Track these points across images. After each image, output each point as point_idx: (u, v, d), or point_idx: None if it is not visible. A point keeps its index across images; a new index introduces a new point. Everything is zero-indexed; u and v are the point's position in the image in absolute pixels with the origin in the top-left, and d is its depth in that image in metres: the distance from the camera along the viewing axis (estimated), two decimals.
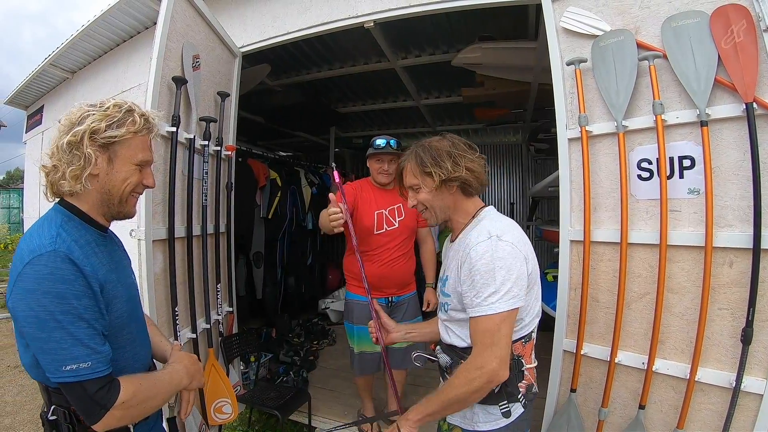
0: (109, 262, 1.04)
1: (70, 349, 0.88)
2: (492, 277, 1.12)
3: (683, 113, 1.65)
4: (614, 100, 1.78)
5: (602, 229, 1.85)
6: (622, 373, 1.76)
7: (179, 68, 2.16)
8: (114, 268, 1.05)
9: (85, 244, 0.98)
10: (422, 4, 2.30)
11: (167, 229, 2.09)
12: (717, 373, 1.57)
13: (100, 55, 4.34)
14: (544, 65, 2.05)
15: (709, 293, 1.55)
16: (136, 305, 1.15)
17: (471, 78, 3.65)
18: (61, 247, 0.91)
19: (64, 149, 0.98)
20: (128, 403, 0.94)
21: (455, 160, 1.25)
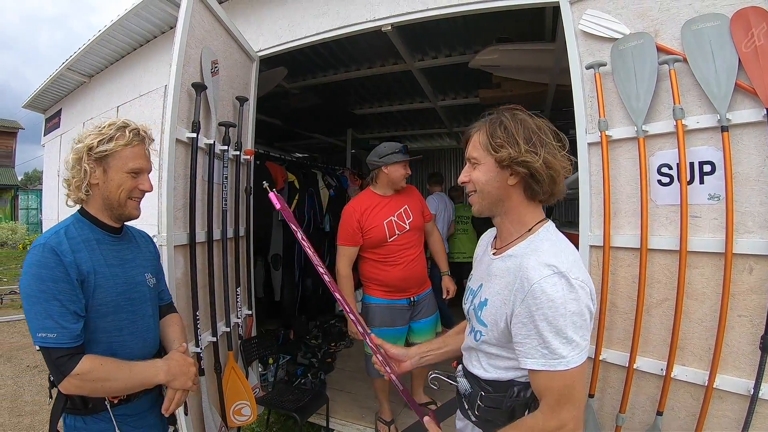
0: (109, 257, 1.28)
1: (42, 320, 1.12)
2: (566, 327, 0.94)
3: (703, 118, 1.69)
4: (634, 104, 1.83)
5: (622, 234, 1.90)
6: (641, 379, 1.82)
7: (198, 74, 2.26)
8: (115, 264, 1.28)
9: (83, 241, 1.22)
10: (440, 7, 2.37)
11: (188, 234, 2.20)
12: (735, 380, 1.61)
13: (117, 60, 4.54)
14: (562, 67, 2.11)
15: (729, 300, 1.60)
16: (135, 300, 1.33)
17: (488, 79, 3.73)
18: (50, 241, 1.17)
19: (71, 165, 1.25)
20: (83, 377, 1.14)
21: (533, 144, 1.04)
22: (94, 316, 1.21)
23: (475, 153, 1.13)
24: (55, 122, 6.33)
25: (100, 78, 4.99)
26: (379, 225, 2.55)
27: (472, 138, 1.15)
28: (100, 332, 1.23)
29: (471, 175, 1.14)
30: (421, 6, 2.43)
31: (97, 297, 1.21)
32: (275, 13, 2.99)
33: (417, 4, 2.44)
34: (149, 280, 1.41)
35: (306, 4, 2.83)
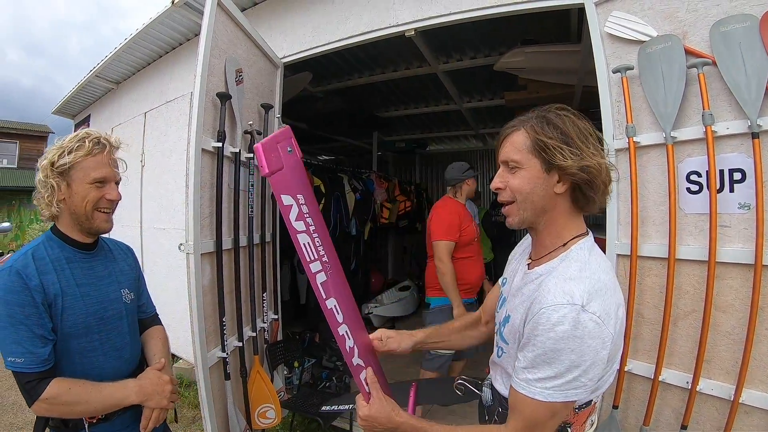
0: (79, 276, 1.29)
1: (10, 345, 1.15)
2: (556, 359, 0.89)
3: (734, 124, 1.68)
4: (662, 109, 1.83)
5: (649, 243, 1.91)
6: (666, 392, 1.83)
7: (223, 84, 2.38)
8: (86, 283, 1.30)
9: (51, 261, 1.25)
10: (463, 11, 2.43)
11: (215, 241, 2.33)
12: (762, 395, 1.61)
13: (144, 67, 4.80)
14: (589, 68, 2.13)
15: (758, 313, 1.59)
16: (108, 318, 1.34)
17: (514, 81, 3.76)
18: (16, 264, 1.19)
19: (40, 183, 1.27)
20: (51, 401, 1.18)
21: (587, 147, 0.96)
22: (64, 337, 1.23)
23: (516, 155, 1.01)
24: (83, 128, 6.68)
25: (127, 85, 5.28)
26: (471, 225, 3.03)
27: (510, 137, 1.04)
28: (72, 353, 1.25)
29: (509, 182, 1.02)
30: (443, 10, 2.49)
31: (66, 319, 1.23)
32: (299, 19, 3.12)
33: (440, 9, 2.51)
34: (126, 296, 1.42)
35: (329, 9, 2.95)
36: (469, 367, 3.23)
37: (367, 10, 2.78)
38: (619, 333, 0.97)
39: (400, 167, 8.11)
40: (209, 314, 2.28)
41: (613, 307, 0.93)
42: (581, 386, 0.91)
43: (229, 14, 2.37)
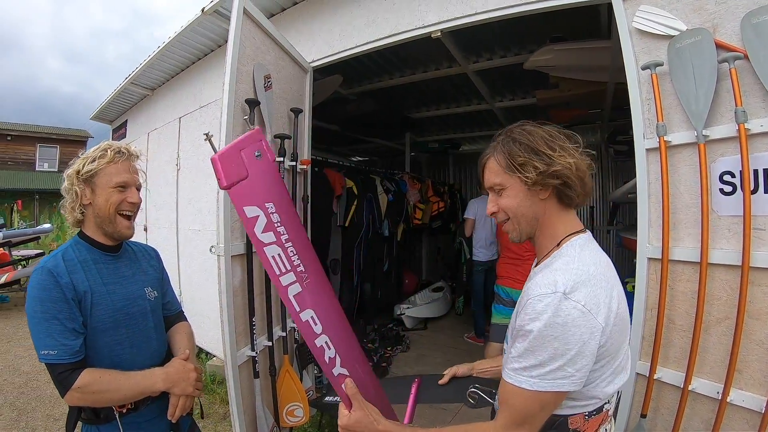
0: (106, 276, 1.41)
1: (44, 339, 1.26)
2: (540, 347, 0.93)
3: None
4: (693, 107, 1.79)
5: (681, 246, 1.87)
6: (696, 402, 1.79)
7: (251, 90, 2.48)
8: (111, 281, 1.42)
9: (79, 262, 1.37)
10: (488, 10, 2.44)
11: (245, 244, 2.45)
12: None
13: (177, 73, 5.07)
14: (620, 65, 2.10)
15: None
16: (134, 314, 1.46)
17: (545, 79, 3.73)
18: (48, 264, 1.31)
19: (65, 190, 1.41)
20: (83, 389, 1.28)
21: (554, 152, 1.04)
22: (94, 331, 1.35)
23: (497, 179, 1.10)
24: (121, 133, 7.18)
25: (162, 91, 5.59)
26: None
27: (487, 165, 1.14)
28: (102, 346, 1.36)
29: (499, 204, 1.12)
30: (469, 10, 2.52)
31: (95, 314, 1.35)
32: (326, 23, 3.23)
33: (465, 9, 2.53)
34: (150, 294, 1.54)
35: (356, 13, 3.03)
36: None
37: (392, 13, 2.84)
38: (620, 329, 1.00)
39: (433, 168, 8.20)
40: (239, 314, 2.39)
41: (605, 298, 0.96)
42: (568, 376, 0.94)
43: (255, 22, 2.47)
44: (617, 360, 1.02)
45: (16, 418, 3.53)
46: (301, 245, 1.15)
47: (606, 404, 1.07)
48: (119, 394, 1.35)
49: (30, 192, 19.52)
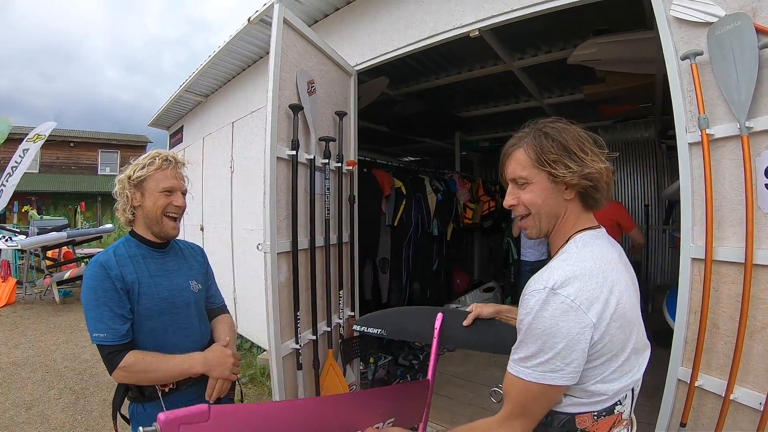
0: (153, 269, 1.59)
1: (95, 323, 1.43)
2: (530, 339, 0.98)
3: None
4: (735, 97, 1.70)
5: (725, 246, 1.78)
6: (737, 412, 1.70)
7: (295, 96, 2.63)
8: (156, 274, 1.59)
9: (129, 256, 1.55)
10: (523, 7, 2.43)
11: (291, 242, 2.61)
12: None
13: (229, 80, 5.40)
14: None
15: None
16: (176, 306, 1.61)
17: (592, 74, 3.59)
18: (100, 258, 1.51)
19: (118, 193, 1.61)
20: (128, 369, 1.44)
21: (586, 155, 1.04)
22: (140, 318, 1.51)
23: (523, 172, 1.09)
24: (178, 138, 7.75)
25: (215, 97, 5.97)
26: None
27: (513, 156, 1.12)
28: (148, 331, 1.53)
29: (521, 198, 1.11)
30: (504, 8, 2.51)
31: (142, 302, 1.51)
32: (368, 28, 3.34)
33: (501, 6, 2.53)
34: (194, 287, 1.70)
35: (396, 15, 3.12)
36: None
37: (430, 14, 2.89)
38: (621, 327, 1.00)
39: (485, 167, 8.07)
40: (284, 309, 2.55)
41: (601, 294, 0.97)
42: (558, 369, 0.96)
43: (296, 30, 2.62)
44: (620, 358, 1.02)
45: (74, 401, 3.94)
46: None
47: (617, 405, 1.06)
48: (160, 374, 1.50)
49: (93, 195, 21.18)
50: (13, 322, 6.55)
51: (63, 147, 21.97)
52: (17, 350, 5.33)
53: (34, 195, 19.02)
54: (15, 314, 7.01)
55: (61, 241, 8.53)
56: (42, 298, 8.05)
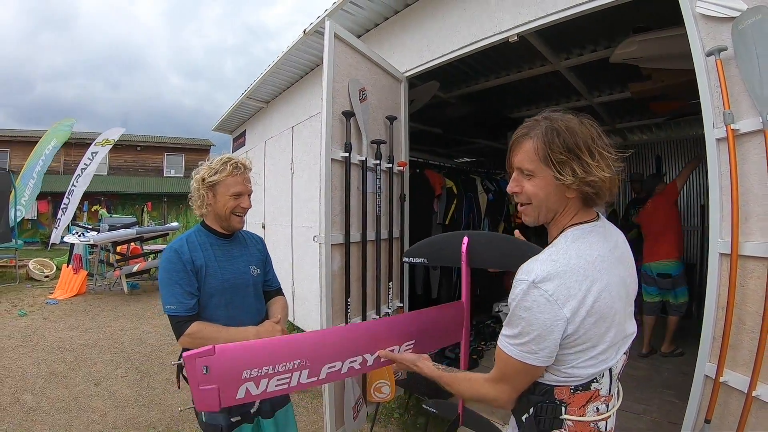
0: (219, 255, 1.87)
1: (168, 297, 1.73)
2: (513, 322, 1.08)
3: None
4: (758, 90, 1.74)
5: (752, 241, 1.80)
6: (761, 409, 1.72)
7: (347, 103, 2.90)
8: (222, 259, 1.87)
9: (199, 244, 1.84)
10: (558, 11, 2.54)
11: (344, 234, 2.87)
12: None
13: (288, 87, 5.80)
14: None
15: None
16: (238, 287, 1.88)
17: (638, 71, 3.54)
18: (174, 245, 1.80)
19: (193, 189, 1.87)
20: (191, 336, 1.71)
21: (593, 160, 1.06)
22: (206, 295, 1.80)
23: (529, 165, 1.12)
24: (240, 141, 8.27)
25: (275, 103, 6.38)
26: None
27: (522, 145, 1.14)
28: (212, 307, 1.82)
29: (525, 187, 1.15)
30: (541, 12, 2.63)
31: (208, 283, 1.80)
32: (415, 36, 3.57)
33: (537, 11, 2.65)
34: (253, 271, 1.97)
35: (440, 25, 3.33)
36: None
37: (473, 22, 3.06)
38: (597, 322, 1.05)
39: None
40: (337, 295, 2.83)
41: (579, 291, 1.03)
42: (532, 352, 1.05)
43: (347, 43, 2.90)
44: (595, 350, 1.08)
45: (139, 379, 4.40)
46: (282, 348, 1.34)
47: (593, 383, 1.13)
48: (218, 342, 1.78)
49: (159, 195, 22.29)
50: (84, 310, 7.25)
51: (130, 151, 23.33)
52: (87, 334, 5.92)
53: (103, 195, 20.23)
54: (86, 303, 7.75)
55: (130, 238, 9.23)
56: (111, 290, 8.83)
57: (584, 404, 1.13)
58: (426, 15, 3.46)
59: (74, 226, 10.57)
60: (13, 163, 19.19)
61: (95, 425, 3.41)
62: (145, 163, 24.05)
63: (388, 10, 3.74)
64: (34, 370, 4.53)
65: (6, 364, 4.64)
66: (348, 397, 2.82)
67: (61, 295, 8.10)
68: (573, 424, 1.13)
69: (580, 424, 1.13)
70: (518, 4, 2.77)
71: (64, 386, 4.14)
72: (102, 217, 11.88)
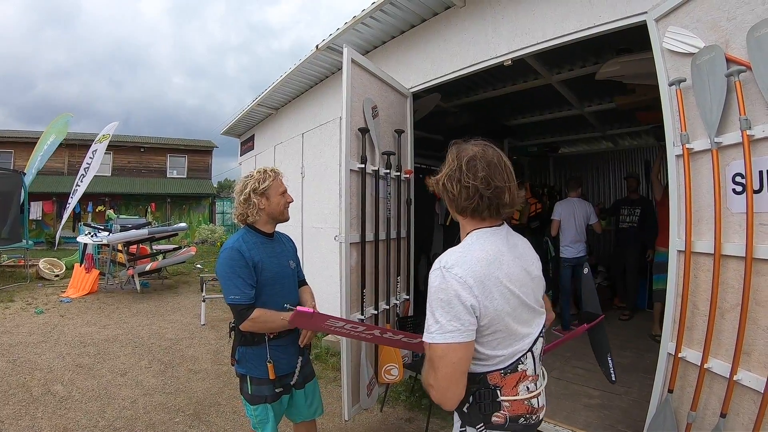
0: (267, 252, 2.15)
1: (231, 288, 2.00)
2: (433, 309, 1.22)
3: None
4: (708, 117, 2.07)
5: (703, 240, 2.16)
6: (713, 381, 2.05)
7: (362, 120, 3.27)
8: (270, 256, 2.15)
9: (252, 243, 2.11)
10: (546, 40, 2.95)
11: (360, 235, 3.25)
12: None
13: (298, 96, 6.10)
14: None
15: None
16: (282, 278, 2.19)
17: (624, 84, 3.91)
18: (234, 245, 2.06)
19: (242, 203, 2.16)
20: (254, 320, 2.01)
21: (463, 183, 1.31)
22: (261, 286, 2.06)
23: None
24: (249, 145, 8.54)
25: (285, 110, 6.69)
26: None
27: None
28: (265, 295, 2.08)
29: None
30: (532, 41, 3.04)
31: (262, 275, 2.07)
32: (419, 55, 3.96)
33: (529, 40, 3.07)
34: (291, 265, 2.29)
35: (443, 47, 3.72)
36: None
37: (472, 46, 3.46)
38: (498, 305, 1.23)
39: (535, 171, 8.64)
40: (354, 287, 3.21)
41: (481, 276, 1.22)
42: (454, 331, 1.19)
43: (362, 67, 3.29)
44: (503, 334, 1.26)
45: (163, 369, 4.69)
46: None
47: (519, 364, 1.30)
48: (274, 325, 2.08)
49: (162, 196, 22.62)
50: (98, 308, 7.47)
51: (134, 152, 23.65)
52: (106, 330, 6.14)
53: (107, 196, 20.54)
54: (99, 301, 7.96)
55: (142, 238, 9.36)
56: (122, 288, 9.00)
57: (515, 385, 1.31)
58: (430, 37, 3.84)
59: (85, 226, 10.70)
60: (17, 164, 19.30)
61: (127, 411, 3.67)
62: (149, 164, 24.24)
63: (395, 30, 4.12)
64: (60, 363, 4.76)
65: (32, 359, 4.86)
66: (363, 377, 3.17)
67: (74, 294, 8.28)
68: (510, 404, 1.29)
69: (516, 403, 1.30)
70: (513, 32, 3.16)
71: (92, 377, 4.38)
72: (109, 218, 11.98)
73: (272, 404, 2.16)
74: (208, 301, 6.74)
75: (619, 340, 4.84)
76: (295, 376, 2.24)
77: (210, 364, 4.82)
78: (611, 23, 2.64)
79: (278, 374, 2.14)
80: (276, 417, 2.20)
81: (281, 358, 2.16)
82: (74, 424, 3.42)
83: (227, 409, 3.73)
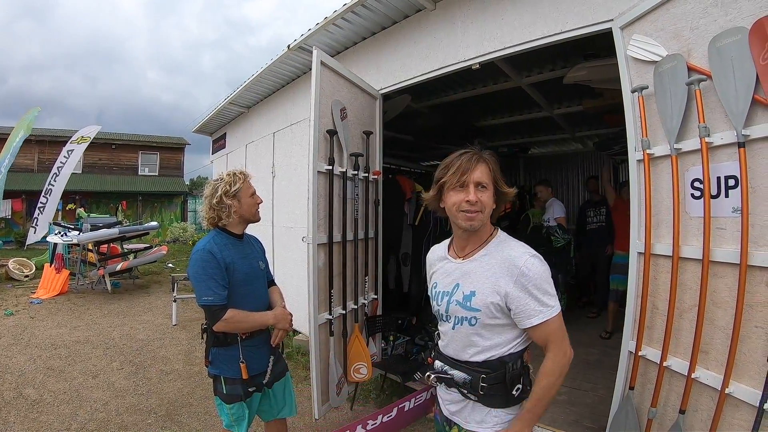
0: (238, 254, 2.13)
1: (204, 290, 1.97)
2: (550, 286, 1.37)
3: (727, 134, 1.83)
4: (668, 124, 2.07)
5: (662, 243, 2.16)
6: (672, 378, 2.06)
7: (330, 122, 3.19)
8: (241, 257, 2.14)
9: (223, 245, 2.10)
10: (513, 45, 2.91)
11: (328, 236, 3.17)
12: (748, 389, 1.74)
13: (269, 95, 5.97)
14: None
15: (744, 310, 1.74)
16: (253, 279, 2.18)
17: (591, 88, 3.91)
18: (206, 246, 2.04)
19: (214, 206, 2.12)
20: (227, 321, 2.00)
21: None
22: (232, 287, 2.05)
23: (486, 180, 1.40)
24: (220, 144, 8.33)
25: (257, 109, 6.55)
26: None
27: (480, 166, 1.41)
28: (237, 296, 2.07)
29: (481, 198, 1.39)
30: (499, 46, 3.01)
31: (234, 276, 2.07)
32: (390, 57, 3.88)
33: (496, 45, 3.03)
34: (261, 266, 2.29)
35: (412, 50, 3.65)
36: None
37: (441, 49, 3.40)
38: None
39: (506, 172, 8.43)
40: (322, 287, 3.14)
41: None
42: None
43: (331, 69, 3.21)
44: None
45: (135, 371, 4.58)
46: None
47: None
48: (247, 325, 2.10)
49: (133, 194, 21.98)
50: (69, 309, 7.24)
51: (105, 149, 22.66)
52: (77, 331, 5.96)
53: (78, 194, 19.56)
54: (69, 302, 7.70)
55: (113, 237, 9.09)
56: (93, 288, 8.67)
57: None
58: (400, 39, 3.77)
59: (55, 225, 10.32)
60: None
61: (99, 413, 3.58)
62: (120, 161, 23.48)
63: (366, 32, 4.03)
64: (31, 366, 4.63)
65: (2, 362, 4.71)
66: (332, 376, 3.08)
67: (44, 295, 8.02)
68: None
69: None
70: (481, 37, 3.12)
71: (64, 380, 4.27)
72: (80, 217, 11.62)
73: (246, 402, 2.16)
74: (179, 301, 6.58)
75: (587, 337, 4.85)
76: (267, 375, 2.22)
77: (182, 365, 4.73)
78: (578, 29, 2.61)
79: (251, 374, 2.13)
80: (250, 415, 2.21)
81: (253, 358, 2.15)
82: (47, 428, 3.35)
83: (199, 409, 3.67)
